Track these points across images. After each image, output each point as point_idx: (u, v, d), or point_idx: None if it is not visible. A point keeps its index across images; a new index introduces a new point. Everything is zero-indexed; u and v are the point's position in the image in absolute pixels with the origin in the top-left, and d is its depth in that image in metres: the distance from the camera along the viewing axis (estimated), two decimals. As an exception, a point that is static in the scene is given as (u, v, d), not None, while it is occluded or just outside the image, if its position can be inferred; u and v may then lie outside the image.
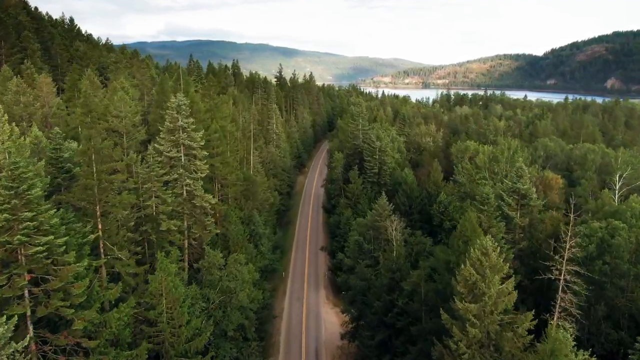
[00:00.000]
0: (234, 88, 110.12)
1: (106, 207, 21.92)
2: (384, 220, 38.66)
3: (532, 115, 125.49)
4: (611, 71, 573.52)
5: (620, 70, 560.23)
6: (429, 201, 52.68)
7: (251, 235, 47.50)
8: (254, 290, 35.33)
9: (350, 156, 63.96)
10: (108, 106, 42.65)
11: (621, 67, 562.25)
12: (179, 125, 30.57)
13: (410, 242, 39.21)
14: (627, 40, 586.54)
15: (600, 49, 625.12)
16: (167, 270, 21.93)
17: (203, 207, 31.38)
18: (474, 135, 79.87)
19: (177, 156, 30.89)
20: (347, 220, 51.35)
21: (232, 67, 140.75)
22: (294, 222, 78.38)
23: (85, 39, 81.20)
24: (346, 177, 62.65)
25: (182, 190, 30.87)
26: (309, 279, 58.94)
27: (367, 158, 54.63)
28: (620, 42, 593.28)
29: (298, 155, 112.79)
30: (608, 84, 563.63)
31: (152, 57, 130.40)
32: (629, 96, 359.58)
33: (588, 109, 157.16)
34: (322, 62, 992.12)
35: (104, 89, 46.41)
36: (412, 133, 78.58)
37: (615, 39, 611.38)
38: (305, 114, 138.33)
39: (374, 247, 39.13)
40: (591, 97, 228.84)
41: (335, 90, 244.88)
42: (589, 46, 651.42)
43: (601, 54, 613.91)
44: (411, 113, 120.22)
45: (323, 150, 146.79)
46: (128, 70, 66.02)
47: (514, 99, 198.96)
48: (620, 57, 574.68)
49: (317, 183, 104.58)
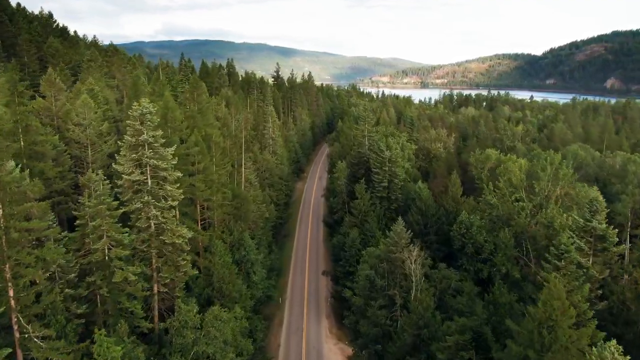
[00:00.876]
0: (227, 89, 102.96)
1: (19, 269, 15.02)
2: (401, 250, 31.85)
3: (542, 117, 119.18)
4: (611, 71, 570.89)
5: (620, 70, 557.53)
6: (446, 220, 45.93)
7: (241, 263, 40.57)
8: (242, 341, 28.44)
9: (355, 165, 57.05)
10: (70, 112, 35.54)
11: (621, 67, 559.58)
12: (142, 140, 23.58)
13: (432, 277, 32.42)
14: (627, 39, 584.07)
15: (600, 49, 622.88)
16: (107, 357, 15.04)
17: (176, 244, 24.38)
18: (489, 140, 73.22)
19: (140, 180, 23.90)
20: (353, 242, 44.48)
21: (226, 66, 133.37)
22: (292, 236, 71.38)
23: (60, 35, 73.72)
24: (350, 190, 55.75)
25: (147, 224, 23.88)
26: (309, 305, 51.94)
27: (375, 170, 47.81)
28: (619, 41, 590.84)
29: (296, 160, 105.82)
30: (608, 84, 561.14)
31: (148, 57, 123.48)
32: (629, 96, 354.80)
33: (598, 109, 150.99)
34: (320, 61, 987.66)
35: (70, 92, 39.35)
36: (421, 138, 71.71)
37: (615, 39, 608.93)
38: (304, 115, 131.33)
39: (388, 282, 32.31)
40: (592, 97, 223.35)
41: (334, 90, 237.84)
42: (588, 46, 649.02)
43: (600, 54, 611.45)
44: (416, 115, 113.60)
45: (322, 153, 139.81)
46: (106, 69, 58.79)
47: (518, 99, 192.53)
48: (620, 57, 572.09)
49: (316, 190, 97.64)
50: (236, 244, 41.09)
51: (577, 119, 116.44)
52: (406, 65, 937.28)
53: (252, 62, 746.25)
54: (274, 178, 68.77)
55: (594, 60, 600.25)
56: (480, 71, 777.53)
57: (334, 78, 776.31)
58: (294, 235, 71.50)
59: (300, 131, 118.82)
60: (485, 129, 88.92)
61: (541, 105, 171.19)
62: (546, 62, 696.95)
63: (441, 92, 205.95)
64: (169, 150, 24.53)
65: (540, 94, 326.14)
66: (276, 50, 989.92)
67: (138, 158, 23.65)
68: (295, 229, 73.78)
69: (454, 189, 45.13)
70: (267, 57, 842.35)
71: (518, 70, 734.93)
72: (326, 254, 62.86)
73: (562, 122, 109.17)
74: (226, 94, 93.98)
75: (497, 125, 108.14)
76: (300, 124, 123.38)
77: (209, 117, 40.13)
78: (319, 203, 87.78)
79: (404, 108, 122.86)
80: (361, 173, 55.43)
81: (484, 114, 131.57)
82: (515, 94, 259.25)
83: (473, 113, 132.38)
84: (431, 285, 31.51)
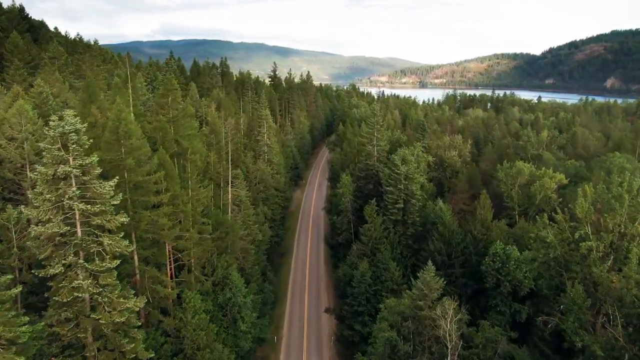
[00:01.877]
0: (219, 90, 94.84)
1: None
2: (432, 305, 24.16)
3: (556, 120, 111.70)
4: (610, 70, 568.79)
5: (620, 69, 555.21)
6: (474, 249, 38.31)
7: (226, 307, 32.74)
8: None
9: (362, 179, 49.20)
10: (2, 122, 27.54)
11: (620, 67, 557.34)
12: (64, 173, 15.70)
13: (471, 338, 24.72)
14: (626, 39, 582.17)
15: (599, 48, 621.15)
16: None
17: (117, 322, 16.50)
18: (509, 148, 65.60)
19: (63, 232, 16.02)
20: (363, 277, 36.70)
21: (220, 65, 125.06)
22: (290, 254, 63.44)
23: (28, 30, 65.51)
24: (356, 207, 48.00)
25: (70, 297, 15.99)
26: (309, 347, 44.15)
27: (388, 188, 40.01)
28: (619, 41, 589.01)
29: (294, 167, 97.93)
30: (608, 84, 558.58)
31: (145, 56, 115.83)
32: (629, 96, 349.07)
33: (610, 110, 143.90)
34: (319, 61, 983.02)
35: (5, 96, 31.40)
36: (433, 145, 63.89)
37: (614, 38, 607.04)
38: (302, 117, 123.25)
39: (414, 347, 24.60)
40: (592, 97, 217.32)
41: (333, 90, 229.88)
42: (587, 45, 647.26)
43: (600, 53, 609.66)
44: (422, 117, 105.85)
45: (322, 157, 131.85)
46: (73, 68, 50.67)
47: (525, 99, 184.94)
48: (620, 57, 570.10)
49: (316, 200, 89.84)
50: (220, 284, 33.26)
51: (595, 122, 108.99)
52: (404, 64, 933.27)
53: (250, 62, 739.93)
54: (270, 190, 60.87)
55: (593, 60, 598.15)
56: (479, 71, 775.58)
57: (332, 78, 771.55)
58: (291, 254, 63.60)
59: (298, 135, 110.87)
60: (499, 133, 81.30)
61: (551, 107, 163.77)
62: (545, 62, 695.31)
63: (444, 92, 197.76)
64: (108, 184, 16.66)
65: (540, 93, 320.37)
66: (274, 50, 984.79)
67: (57, 199, 15.77)
68: (293, 247, 65.87)
69: (483, 212, 37.49)
70: (265, 57, 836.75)
71: (517, 70, 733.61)
72: (329, 282, 54.91)
73: (579, 125, 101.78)
74: (218, 95, 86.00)
75: (509, 128, 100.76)
76: (299, 126, 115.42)
77: (186, 126, 32.30)
78: (319, 215, 79.98)
79: (409, 110, 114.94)
80: (369, 188, 47.73)
81: (492, 115, 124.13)
82: (517, 94, 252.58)
83: (481, 115, 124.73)
84: (472, 352, 23.83)
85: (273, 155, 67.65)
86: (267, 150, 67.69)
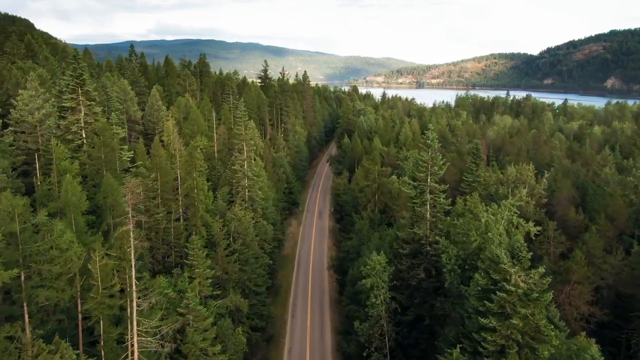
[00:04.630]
0: (189, 95, 73.49)
1: None
2: None
3: (609, 130, 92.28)
4: (610, 70, 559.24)
5: (620, 69, 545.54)
6: None
7: None
8: None
9: (406, 257, 28.48)
10: None
11: (621, 66, 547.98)
12: None
13: None
14: (625, 38, 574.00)
15: (598, 48, 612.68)
16: None
17: None
18: (570, 174, 45.69)
19: None
20: None
21: (198, 64, 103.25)
22: (279, 343, 42.37)
23: None
24: (394, 308, 27.49)
25: None
26: None
27: (483, 320, 19.48)
28: (618, 40, 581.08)
29: (289, 191, 77.10)
30: (608, 84, 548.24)
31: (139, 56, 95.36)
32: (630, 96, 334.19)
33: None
34: (314, 61, 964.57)
35: None
36: (490, 181, 43.36)
37: (613, 38, 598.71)
38: (298, 126, 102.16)
39: None
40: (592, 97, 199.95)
41: (330, 91, 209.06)
42: (586, 45, 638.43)
43: (599, 53, 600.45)
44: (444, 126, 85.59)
45: (322, 172, 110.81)
46: None
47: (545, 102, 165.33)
48: (619, 56, 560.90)
49: (316, 238, 69.03)
50: None
51: None
52: (399, 64, 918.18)
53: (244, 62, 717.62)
54: (251, 250, 39.90)
55: (592, 60, 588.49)
56: (476, 71, 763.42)
57: (327, 78, 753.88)
58: (283, 342, 42.41)
59: (293, 149, 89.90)
60: (559, 153, 61.45)
61: (580, 111, 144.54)
62: (543, 62, 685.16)
63: (458, 93, 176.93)
64: None
65: (539, 93, 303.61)
66: (269, 50, 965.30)
67: None
68: (286, 327, 44.47)
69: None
70: (259, 57, 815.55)
71: (515, 69, 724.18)
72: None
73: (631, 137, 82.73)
74: (185, 101, 64.79)
75: (557, 142, 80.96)
76: (294, 137, 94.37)
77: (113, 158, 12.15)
78: (322, 262, 59.24)
79: (428, 118, 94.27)
80: (418, 276, 27.15)
81: (524, 123, 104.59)
82: (519, 93, 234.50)
83: (510, 123, 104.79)
84: None
85: (255, 192, 46.68)
86: (250, 184, 46.79)
